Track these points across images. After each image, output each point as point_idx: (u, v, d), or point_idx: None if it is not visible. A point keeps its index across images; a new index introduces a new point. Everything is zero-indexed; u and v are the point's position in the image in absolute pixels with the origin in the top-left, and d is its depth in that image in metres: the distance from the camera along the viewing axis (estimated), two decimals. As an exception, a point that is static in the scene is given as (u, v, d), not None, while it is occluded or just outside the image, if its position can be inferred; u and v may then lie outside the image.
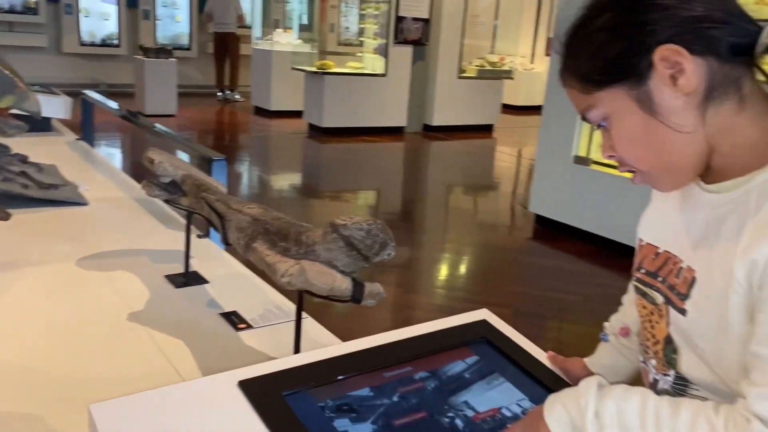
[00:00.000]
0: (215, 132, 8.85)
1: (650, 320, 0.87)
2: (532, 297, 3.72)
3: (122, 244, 2.05)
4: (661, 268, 0.85)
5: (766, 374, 0.68)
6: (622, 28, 0.75)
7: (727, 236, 0.75)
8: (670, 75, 0.73)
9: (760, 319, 0.69)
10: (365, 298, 1.26)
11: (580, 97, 0.81)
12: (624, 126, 0.78)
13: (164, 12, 11.37)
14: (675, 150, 0.77)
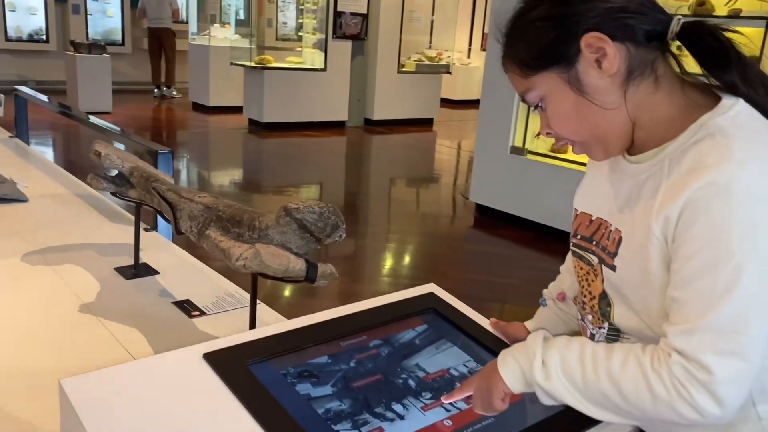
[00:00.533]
0: (153, 129, 8.67)
1: (587, 280, 0.98)
2: (474, 282, 3.85)
3: (68, 239, 2.03)
4: (595, 233, 0.96)
5: (681, 314, 0.78)
6: (553, 19, 0.85)
7: (646, 198, 0.86)
8: (595, 59, 0.84)
9: (673, 267, 0.80)
10: (319, 278, 1.32)
11: (519, 81, 0.90)
12: (558, 105, 0.88)
13: (95, 6, 11.04)
14: (603, 124, 0.87)
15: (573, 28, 0.83)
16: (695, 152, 0.80)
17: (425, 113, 10.02)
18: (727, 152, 0.77)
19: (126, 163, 1.81)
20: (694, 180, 0.78)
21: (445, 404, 0.91)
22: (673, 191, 0.80)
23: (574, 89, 0.86)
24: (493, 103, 4.98)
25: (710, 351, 0.76)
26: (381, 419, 0.87)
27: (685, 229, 0.79)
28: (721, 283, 0.76)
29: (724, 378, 0.75)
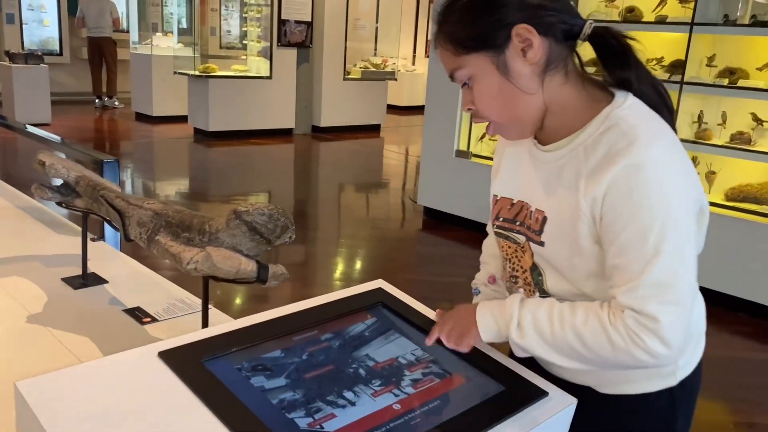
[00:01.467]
0: (95, 140, 8.47)
1: (516, 256, 1.10)
2: (424, 282, 3.93)
3: (11, 251, 1.99)
4: (518, 214, 1.07)
5: (624, 276, 0.91)
6: (491, 6, 0.95)
7: (568, 182, 0.97)
8: (521, 48, 0.94)
9: (608, 239, 0.93)
10: (270, 279, 1.35)
11: (451, 58, 1.00)
12: (484, 84, 0.98)
13: (31, 16, 10.72)
14: (521, 106, 0.98)
15: (507, 18, 0.94)
16: (607, 140, 0.93)
17: (372, 119, 10.11)
18: (635, 138, 0.91)
19: (71, 172, 1.80)
20: (613, 164, 0.90)
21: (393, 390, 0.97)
22: (597, 175, 0.92)
23: (501, 72, 0.96)
24: (437, 108, 5.10)
25: (654, 302, 0.89)
26: (333, 406, 0.91)
27: (612, 206, 0.91)
28: (651, 245, 0.89)
29: (669, 323, 0.89)
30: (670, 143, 0.94)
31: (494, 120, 1.00)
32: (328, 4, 9.17)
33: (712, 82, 3.86)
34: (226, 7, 10.48)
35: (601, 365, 0.97)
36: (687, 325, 0.91)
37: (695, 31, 3.82)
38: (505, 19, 0.93)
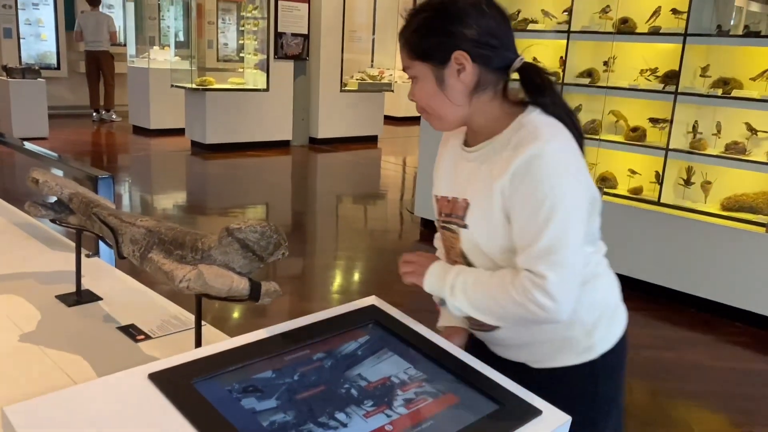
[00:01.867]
0: (92, 153, 8.48)
1: (452, 244, 1.30)
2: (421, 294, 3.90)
3: (5, 268, 1.98)
4: (453, 208, 1.27)
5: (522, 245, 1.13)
6: (442, 30, 1.18)
7: (486, 172, 1.18)
8: (457, 69, 1.18)
9: (513, 217, 1.15)
10: (263, 297, 1.34)
11: (406, 58, 1.23)
12: (424, 86, 1.22)
13: (28, 30, 10.74)
14: (448, 111, 1.23)
15: (451, 43, 1.17)
16: (517, 137, 1.15)
17: (369, 131, 10.13)
18: (538, 135, 1.13)
19: (65, 189, 1.79)
20: (519, 154, 1.12)
21: (385, 411, 0.96)
22: (506, 163, 1.14)
23: (437, 83, 1.20)
24: (434, 119, 5.11)
25: (543, 264, 1.10)
26: (324, 428, 0.90)
27: (516, 188, 1.13)
28: (542, 218, 1.10)
29: (554, 281, 1.09)
30: (566, 144, 1.16)
31: (425, 112, 1.25)
32: (324, 17, 9.22)
33: (706, 93, 3.88)
34: (223, 20, 10.53)
35: (511, 320, 1.19)
36: (574, 284, 1.13)
37: (689, 42, 3.83)
38: (448, 44, 1.16)
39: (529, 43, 4.86)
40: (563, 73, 4.43)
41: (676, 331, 3.66)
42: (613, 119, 4.37)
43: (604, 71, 4.33)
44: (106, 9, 10.66)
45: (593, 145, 4.35)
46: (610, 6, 4.23)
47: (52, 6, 10.82)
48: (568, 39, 4.36)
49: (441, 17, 1.18)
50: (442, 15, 1.18)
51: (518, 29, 4.72)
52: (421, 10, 1.21)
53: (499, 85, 1.21)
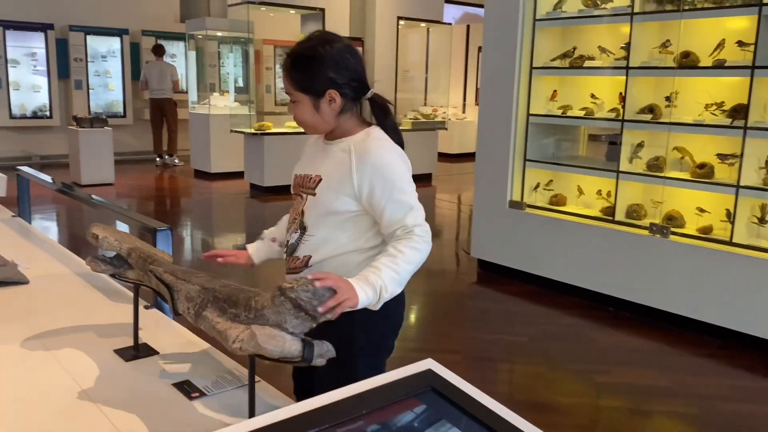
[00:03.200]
0: (156, 198, 8.75)
1: (296, 209, 1.76)
2: (480, 341, 3.81)
3: (67, 321, 2.01)
4: (304, 182, 1.76)
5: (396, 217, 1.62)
6: (318, 73, 1.64)
7: (341, 161, 1.67)
8: (329, 100, 1.66)
9: (373, 202, 1.63)
10: (315, 358, 1.31)
11: (288, 86, 1.68)
12: (302, 108, 1.69)
13: (97, 81, 11.32)
14: (319, 127, 1.72)
15: (326, 84, 1.64)
16: (368, 142, 1.66)
17: (423, 169, 10.12)
18: (380, 144, 1.67)
19: (123, 244, 1.82)
20: (368, 155, 1.63)
21: None
22: (360, 161, 1.63)
23: (314, 107, 1.67)
24: (488, 157, 5.04)
25: (420, 219, 1.63)
26: None
27: (367, 181, 1.62)
28: (403, 203, 1.62)
29: (425, 230, 1.63)
30: (399, 152, 1.70)
31: (306, 126, 1.73)
32: (378, 59, 9.36)
33: (778, 126, 3.69)
34: (281, 65, 10.82)
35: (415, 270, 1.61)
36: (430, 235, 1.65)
37: (757, 75, 3.67)
38: (324, 84, 1.65)
39: (586, 80, 4.79)
40: (623, 110, 4.31)
41: (756, 380, 3.42)
42: (678, 156, 4.20)
43: (666, 107, 4.19)
44: (169, 58, 11.14)
45: (658, 183, 4.19)
46: (670, 40, 4.11)
47: (119, 57, 11.38)
48: (627, 75, 4.25)
49: (318, 63, 1.63)
50: (319, 61, 1.62)
51: (574, 66, 4.65)
52: (303, 53, 1.66)
53: (356, 108, 1.72)
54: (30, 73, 10.67)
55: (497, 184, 4.95)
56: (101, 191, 8.35)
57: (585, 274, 4.44)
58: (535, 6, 4.69)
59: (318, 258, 1.70)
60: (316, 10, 8.92)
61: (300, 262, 1.74)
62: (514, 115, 4.79)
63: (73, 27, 10.79)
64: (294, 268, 1.76)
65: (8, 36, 10.28)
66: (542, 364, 3.51)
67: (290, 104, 1.71)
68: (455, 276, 5.40)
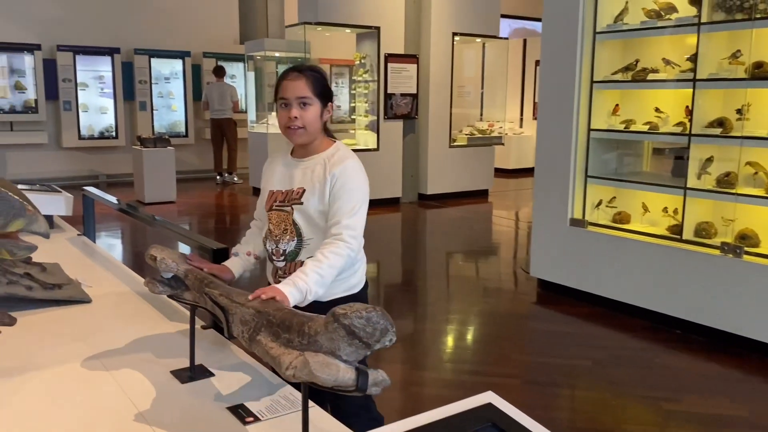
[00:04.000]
0: (216, 215, 8.94)
1: (284, 219, 2.03)
2: (541, 365, 3.68)
3: (127, 340, 2.04)
4: (286, 197, 2.02)
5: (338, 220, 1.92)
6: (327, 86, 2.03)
7: (319, 172, 1.98)
8: (328, 109, 2.02)
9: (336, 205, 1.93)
10: (370, 387, 1.26)
11: (305, 89, 1.95)
12: (312, 112, 1.97)
13: (160, 102, 11.71)
14: (314, 133, 2.00)
15: (330, 96, 2.03)
16: (337, 156, 2.00)
17: (479, 185, 10.01)
18: (347, 155, 2.01)
19: (181, 266, 1.83)
20: (339, 165, 1.96)
21: None
22: (332, 169, 1.96)
23: (319, 113, 1.99)
24: (548, 174, 4.92)
25: (348, 233, 1.90)
26: None
27: (336, 187, 1.94)
28: (350, 206, 1.93)
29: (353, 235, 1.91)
30: (360, 164, 2.03)
31: (306, 129, 1.97)
32: (433, 76, 9.34)
33: None
34: (336, 83, 10.94)
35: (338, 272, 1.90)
36: (358, 241, 1.95)
37: (837, 84, 3.46)
38: (329, 96, 2.03)
39: (649, 93, 4.63)
40: (690, 124, 4.13)
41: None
42: (751, 171, 3.99)
43: (737, 120, 3.99)
44: (229, 79, 11.43)
45: (729, 200, 3.98)
46: (740, 50, 3.93)
47: (182, 79, 11.75)
48: (694, 87, 4.08)
49: (325, 79, 2.03)
50: (325, 78, 2.04)
51: (637, 79, 4.49)
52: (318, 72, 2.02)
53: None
54: (97, 96, 11.13)
55: (557, 201, 4.82)
56: (163, 209, 8.59)
57: (651, 295, 4.25)
58: (595, 19, 4.57)
59: None
60: (371, 28, 8.99)
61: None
62: (574, 130, 4.67)
63: (138, 50, 11.21)
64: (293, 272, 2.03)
65: (78, 60, 10.76)
66: (606, 389, 3.35)
67: (294, 108, 1.95)
68: (513, 296, 5.26)
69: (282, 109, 1.98)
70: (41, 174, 10.31)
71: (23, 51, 10.35)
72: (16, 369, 1.80)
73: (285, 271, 2.04)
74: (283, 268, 2.05)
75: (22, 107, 10.47)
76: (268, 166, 2.18)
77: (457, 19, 9.52)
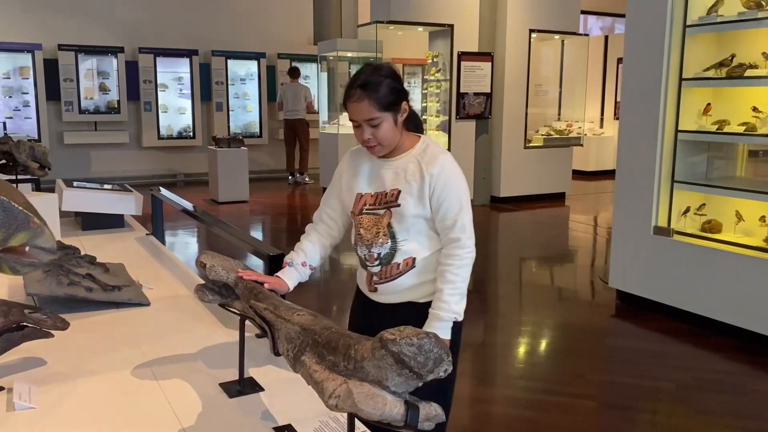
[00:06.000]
0: (288, 215, 9.00)
1: (377, 223, 1.91)
2: (619, 386, 3.40)
3: (179, 348, 1.99)
4: (378, 200, 1.92)
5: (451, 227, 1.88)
6: (397, 91, 1.86)
7: (413, 172, 1.88)
8: (402, 112, 1.88)
9: (444, 206, 1.88)
10: (421, 422, 1.12)
11: (371, 110, 1.82)
12: (386, 127, 1.84)
13: (236, 103, 11.95)
14: (394, 141, 1.90)
15: (401, 98, 1.87)
16: (430, 151, 1.91)
17: (556, 188, 9.64)
18: (438, 151, 1.92)
19: (231, 274, 1.75)
20: (434, 163, 1.87)
21: None
22: (429, 167, 1.87)
23: (394, 122, 1.86)
24: (630, 178, 4.61)
25: (465, 234, 1.88)
26: None
27: (438, 188, 1.86)
28: (458, 205, 1.88)
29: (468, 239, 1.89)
30: (451, 157, 1.95)
31: (383, 145, 1.87)
32: (508, 74, 9.06)
33: None
34: (408, 83, 10.83)
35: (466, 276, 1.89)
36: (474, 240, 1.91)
37: None
38: (400, 98, 1.87)
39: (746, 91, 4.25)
40: (794, 124, 3.75)
41: None
42: None
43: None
44: (303, 80, 11.52)
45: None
46: None
47: (257, 80, 11.94)
48: (800, 84, 3.70)
49: (396, 80, 1.86)
50: (396, 79, 1.87)
51: (733, 76, 4.13)
52: (382, 77, 1.84)
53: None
54: (176, 97, 11.47)
55: (640, 207, 4.50)
56: (236, 209, 8.72)
57: (743, 312, 3.89)
58: (685, 11, 4.24)
59: (420, 257, 1.92)
60: (444, 26, 8.81)
61: (402, 267, 1.94)
62: (660, 131, 4.35)
63: (215, 52, 11.48)
64: (390, 276, 1.96)
65: (158, 62, 11.12)
66: (692, 416, 3.05)
67: (366, 130, 1.84)
68: (590, 307, 4.96)
69: (355, 127, 1.89)
70: (122, 173, 10.72)
71: (108, 54, 10.78)
72: (64, 375, 1.77)
73: (381, 276, 1.96)
74: (379, 273, 1.96)
75: (106, 108, 10.91)
76: (349, 165, 2.03)
77: (535, 16, 9.20)
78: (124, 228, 3.67)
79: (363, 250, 1.95)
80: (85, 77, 10.69)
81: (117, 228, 3.60)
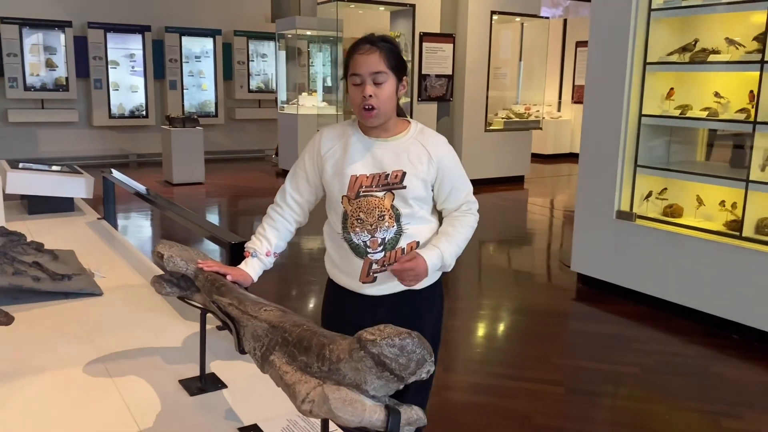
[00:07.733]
0: (244, 197, 8.81)
1: (378, 205, 1.82)
2: (584, 370, 3.42)
3: (136, 340, 1.88)
4: (376, 181, 1.82)
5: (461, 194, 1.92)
6: (402, 60, 1.84)
7: (416, 153, 1.83)
8: (403, 84, 1.83)
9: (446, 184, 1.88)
10: (402, 428, 1.05)
11: (379, 63, 1.76)
12: (388, 89, 1.78)
13: (191, 81, 11.61)
14: (389, 112, 1.82)
15: (404, 70, 1.84)
16: (428, 134, 1.89)
17: (515, 171, 9.71)
18: (434, 132, 1.92)
19: (191, 265, 1.64)
20: (440, 144, 1.88)
21: None
22: (436, 150, 1.85)
23: (395, 89, 1.80)
24: (593, 162, 4.63)
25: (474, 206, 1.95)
26: None
27: (445, 168, 1.86)
28: (464, 181, 1.92)
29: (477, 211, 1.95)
30: None
31: (380, 109, 1.77)
32: (469, 56, 9.03)
33: None
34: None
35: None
36: None
37: None
38: (404, 70, 1.84)
39: (709, 76, 4.28)
40: (755, 110, 3.79)
41: None
42: (822, 163, 3.65)
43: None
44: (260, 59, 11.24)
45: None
46: (814, 29, 3.57)
47: (212, 58, 11.62)
48: (762, 70, 3.74)
49: (399, 51, 1.83)
50: (399, 50, 1.83)
51: (696, 61, 4.15)
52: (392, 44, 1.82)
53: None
54: (128, 74, 11.09)
55: (603, 191, 4.53)
56: (191, 190, 8.49)
57: (705, 296, 3.95)
58: (650, -6, 4.24)
59: (424, 240, 1.88)
60: (406, 6, 8.70)
61: (407, 251, 1.86)
62: (624, 115, 4.36)
63: (169, 28, 11.11)
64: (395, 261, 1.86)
65: (109, 38, 10.71)
66: (658, 401, 3.08)
67: (369, 86, 1.75)
68: (552, 291, 4.99)
69: (354, 86, 1.77)
70: (71, 152, 10.32)
71: (54, 28, 10.31)
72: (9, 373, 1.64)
73: (383, 263, 1.85)
74: (381, 260, 1.84)
75: (53, 85, 10.47)
76: (330, 145, 1.86)
77: (497, -2, 9.17)
78: (73, 212, 3.50)
79: (363, 236, 1.82)
80: (30, 53, 10.22)
81: (66, 212, 3.43)
